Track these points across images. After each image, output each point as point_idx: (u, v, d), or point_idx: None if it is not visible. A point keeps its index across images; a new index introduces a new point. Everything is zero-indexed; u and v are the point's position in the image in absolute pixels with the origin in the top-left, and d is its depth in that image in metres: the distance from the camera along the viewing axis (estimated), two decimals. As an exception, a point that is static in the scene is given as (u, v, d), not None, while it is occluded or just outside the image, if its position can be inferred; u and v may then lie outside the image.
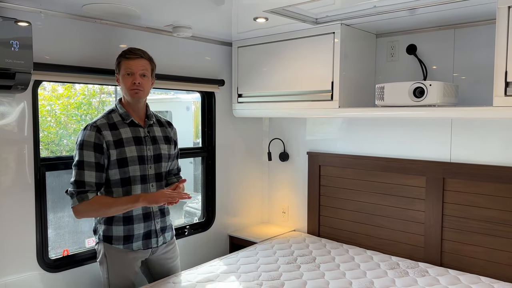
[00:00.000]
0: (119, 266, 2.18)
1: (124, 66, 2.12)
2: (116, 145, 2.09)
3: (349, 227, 2.98)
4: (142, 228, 2.18)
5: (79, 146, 2.06)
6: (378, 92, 2.38)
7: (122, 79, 2.13)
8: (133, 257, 2.20)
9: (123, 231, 2.15)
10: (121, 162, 2.10)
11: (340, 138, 3.07)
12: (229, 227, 3.33)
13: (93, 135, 2.06)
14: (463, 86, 2.44)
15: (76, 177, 2.04)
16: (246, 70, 3.07)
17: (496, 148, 2.39)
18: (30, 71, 1.95)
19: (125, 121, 2.16)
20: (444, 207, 2.54)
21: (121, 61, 2.13)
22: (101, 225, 2.18)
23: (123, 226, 2.15)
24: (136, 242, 2.18)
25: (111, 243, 2.15)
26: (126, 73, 2.11)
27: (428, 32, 2.63)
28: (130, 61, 2.11)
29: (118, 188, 2.12)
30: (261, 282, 2.27)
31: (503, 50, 1.97)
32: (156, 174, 2.22)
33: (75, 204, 2.02)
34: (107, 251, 2.16)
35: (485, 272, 2.39)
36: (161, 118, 2.37)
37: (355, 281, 2.29)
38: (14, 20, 1.89)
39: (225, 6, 2.23)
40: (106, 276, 2.19)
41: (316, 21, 2.58)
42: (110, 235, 2.16)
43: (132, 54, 2.12)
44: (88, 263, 2.46)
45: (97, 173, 2.05)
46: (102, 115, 2.16)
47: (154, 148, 2.21)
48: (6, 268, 2.14)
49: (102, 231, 2.17)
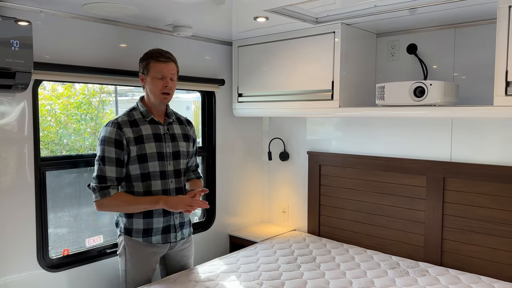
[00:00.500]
0: (137, 259, 2.23)
1: (154, 69, 2.16)
2: (136, 142, 2.15)
3: (350, 227, 2.98)
4: (161, 223, 2.23)
5: (100, 142, 2.13)
6: (379, 92, 2.38)
7: (151, 82, 2.17)
8: (152, 251, 2.25)
9: (142, 224, 2.20)
10: (141, 158, 2.16)
11: (341, 137, 3.07)
12: (229, 226, 3.32)
13: (114, 132, 2.12)
14: (463, 85, 2.44)
15: (98, 172, 2.11)
16: (246, 69, 3.07)
17: (497, 148, 2.39)
18: (30, 70, 1.95)
19: (146, 118, 2.22)
20: (445, 207, 2.54)
21: (150, 63, 2.17)
22: (122, 218, 2.24)
23: (143, 219, 2.20)
24: (155, 236, 2.22)
25: (131, 235, 2.21)
26: (157, 76, 2.16)
27: (428, 32, 2.63)
28: (162, 64, 2.16)
29: (138, 183, 2.18)
30: (261, 282, 2.27)
31: (503, 49, 1.97)
32: (175, 171, 2.28)
33: (98, 199, 2.10)
34: (127, 243, 2.22)
35: (485, 271, 2.39)
36: (180, 116, 2.43)
37: (355, 280, 2.29)
38: (14, 20, 1.89)
39: (226, 6, 2.23)
40: (123, 268, 2.25)
41: (316, 21, 2.58)
42: (130, 227, 2.21)
43: (163, 58, 2.17)
44: (88, 263, 2.46)
45: (117, 168, 2.12)
46: (124, 113, 2.23)
47: (173, 145, 2.27)
48: (7, 267, 2.14)
49: (123, 223, 2.23)
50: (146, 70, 2.18)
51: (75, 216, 2.60)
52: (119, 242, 2.27)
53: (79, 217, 2.63)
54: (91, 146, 3.03)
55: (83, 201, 2.63)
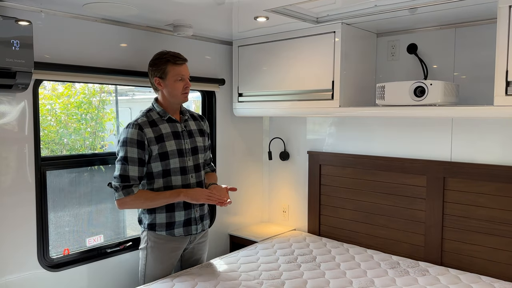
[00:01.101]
0: (159, 253, 2.30)
1: (174, 72, 2.23)
2: (157, 141, 2.22)
3: (350, 226, 2.98)
4: (182, 216, 2.29)
5: (122, 143, 2.19)
6: (379, 92, 2.38)
7: (172, 85, 2.24)
8: (174, 246, 2.32)
9: (165, 218, 2.27)
10: (163, 155, 2.22)
11: (341, 137, 3.07)
12: (229, 226, 3.33)
13: (135, 133, 2.17)
14: (463, 85, 2.44)
15: (121, 171, 2.16)
16: (246, 69, 3.07)
17: (497, 148, 2.39)
18: (30, 70, 1.95)
19: (163, 118, 2.28)
20: (445, 207, 2.54)
21: (168, 66, 2.23)
22: (145, 214, 2.31)
23: (165, 213, 2.27)
24: (177, 228, 2.29)
25: (155, 230, 2.28)
26: (178, 78, 2.24)
27: (428, 31, 2.63)
28: (180, 67, 2.25)
29: (159, 179, 2.25)
30: (261, 281, 2.27)
31: (503, 49, 1.97)
32: (195, 166, 2.35)
33: (121, 197, 2.15)
34: (150, 238, 2.29)
35: (485, 271, 2.39)
36: (194, 113, 2.50)
37: (355, 280, 2.29)
38: (14, 19, 1.89)
39: (226, 5, 2.22)
40: (144, 262, 2.31)
41: (316, 20, 2.58)
42: (154, 222, 2.28)
43: (181, 60, 2.26)
44: (89, 262, 2.46)
45: (139, 167, 2.18)
46: (142, 114, 2.28)
47: (191, 141, 2.35)
48: (7, 267, 2.15)
49: (147, 219, 2.30)
50: (164, 74, 2.24)
51: (75, 215, 2.60)
52: (142, 237, 2.34)
53: (79, 217, 2.63)
54: (91, 145, 3.03)
55: (84, 201, 2.64)
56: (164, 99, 2.29)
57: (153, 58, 2.28)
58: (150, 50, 2.22)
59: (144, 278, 2.32)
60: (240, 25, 2.68)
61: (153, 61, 2.27)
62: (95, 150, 3.13)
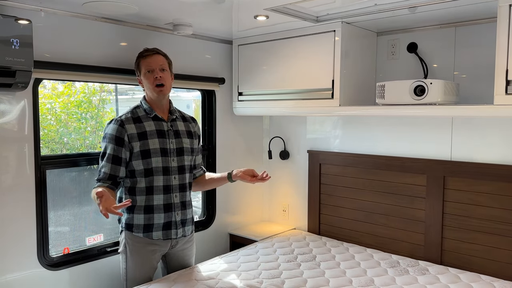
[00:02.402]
0: (138, 257, 2.24)
1: (143, 65, 2.23)
2: (139, 137, 2.18)
3: (350, 226, 2.98)
4: (162, 218, 2.24)
5: (103, 138, 2.20)
6: (379, 91, 2.38)
7: (144, 78, 2.24)
8: (153, 249, 2.25)
9: (143, 220, 2.22)
10: (144, 153, 2.18)
11: (341, 136, 3.07)
12: (229, 225, 3.33)
13: (115, 129, 2.16)
14: (463, 84, 2.44)
15: (99, 166, 2.19)
16: (246, 68, 3.07)
17: (497, 147, 2.39)
18: (30, 69, 1.95)
19: (149, 115, 2.25)
20: (445, 206, 2.54)
21: (140, 62, 2.26)
22: (124, 213, 2.25)
23: (144, 214, 2.21)
24: (155, 231, 2.23)
25: (132, 231, 2.23)
26: (147, 70, 2.22)
27: (429, 30, 2.63)
28: (148, 58, 2.23)
29: (142, 178, 2.20)
30: (261, 280, 2.27)
31: (504, 48, 1.97)
32: (179, 167, 2.29)
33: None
34: (128, 241, 2.24)
35: (485, 270, 2.39)
36: (185, 114, 2.46)
37: (355, 279, 2.29)
38: (14, 18, 1.89)
39: (226, 4, 2.22)
40: (124, 266, 2.26)
41: (316, 19, 2.57)
42: (131, 223, 2.23)
43: (148, 52, 2.25)
44: (89, 261, 2.46)
45: (112, 165, 2.14)
46: (128, 111, 2.26)
47: (177, 141, 2.30)
48: (7, 266, 2.15)
49: (125, 219, 2.25)
50: (138, 70, 2.27)
51: (75, 214, 2.60)
52: (120, 240, 2.29)
53: (79, 216, 2.63)
54: (91, 144, 3.03)
55: (84, 200, 2.64)
56: (147, 95, 2.29)
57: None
58: (150, 49, 2.23)
59: (126, 283, 2.25)
60: (240, 24, 2.68)
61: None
62: (95, 149, 3.13)
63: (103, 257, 2.53)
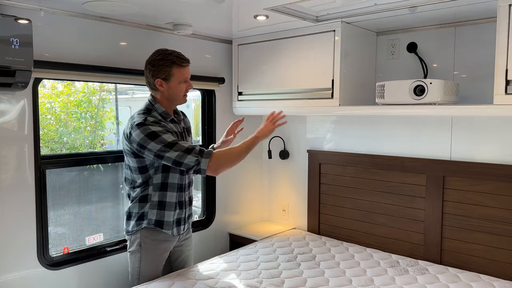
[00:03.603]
0: (152, 253, 2.25)
1: (178, 74, 2.16)
2: None
3: (349, 225, 2.99)
4: (179, 214, 2.28)
5: (153, 136, 2.03)
6: (379, 90, 2.38)
7: (176, 86, 2.18)
8: (166, 246, 2.29)
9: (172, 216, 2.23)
10: None
11: (340, 136, 3.07)
12: (229, 225, 3.33)
13: (157, 126, 2.07)
14: (463, 84, 2.44)
15: (180, 149, 2.02)
16: (246, 68, 3.07)
17: (496, 146, 2.39)
18: (30, 68, 1.95)
19: (167, 119, 2.20)
20: (444, 205, 2.54)
21: (172, 68, 2.14)
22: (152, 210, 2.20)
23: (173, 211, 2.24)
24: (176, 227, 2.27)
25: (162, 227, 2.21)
26: (182, 80, 2.19)
27: (428, 30, 2.63)
28: (184, 69, 2.19)
29: (159, 174, 2.18)
30: (261, 280, 2.27)
31: (503, 48, 1.97)
32: None
33: (207, 162, 2.02)
34: (144, 239, 2.22)
35: (485, 270, 2.39)
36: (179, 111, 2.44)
37: (355, 279, 2.29)
38: (14, 18, 1.89)
39: (226, 4, 2.22)
40: (137, 265, 2.24)
41: (316, 19, 2.58)
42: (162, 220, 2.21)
43: (186, 62, 2.19)
44: (89, 261, 2.46)
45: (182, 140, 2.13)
46: (144, 114, 2.13)
47: (187, 141, 2.33)
48: (7, 265, 2.15)
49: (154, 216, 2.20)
50: (168, 76, 2.15)
51: (75, 214, 2.60)
52: (132, 240, 2.24)
53: (79, 215, 2.63)
54: (91, 144, 3.03)
55: (83, 199, 2.64)
56: (163, 99, 2.20)
57: (155, 58, 2.15)
58: (150, 49, 2.21)
59: (138, 281, 2.24)
60: (240, 23, 2.68)
61: (155, 61, 2.14)
62: (95, 149, 3.13)
63: (103, 256, 2.54)
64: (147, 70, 2.18)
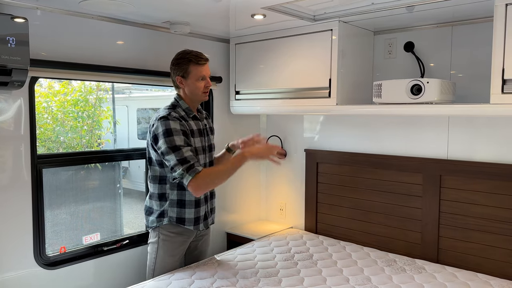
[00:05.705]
0: (170, 246, 2.30)
1: (196, 72, 2.25)
2: (192, 135, 2.25)
3: (346, 224, 2.99)
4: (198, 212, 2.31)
5: (165, 134, 2.12)
6: (376, 90, 2.38)
7: (194, 84, 2.26)
8: (184, 240, 2.34)
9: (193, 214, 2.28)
10: (195, 150, 2.25)
11: (338, 135, 3.07)
12: (226, 224, 3.33)
13: (177, 123, 2.16)
14: (460, 83, 2.45)
15: (177, 157, 2.10)
16: (243, 67, 3.07)
17: (493, 146, 2.40)
18: (26, 67, 1.94)
19: (189, 115, 2.29)
20: (441, 204, 2.55)
21: (190, 66, 2.24)
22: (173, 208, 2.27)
23: (194, 209, 2.29)
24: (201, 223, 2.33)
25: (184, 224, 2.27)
26: (200, 78, 2.26)
27: (425, 30, 2.64)
28: (202, 67, 2.27)
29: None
30: (258, 279, 2.27)
31: (500, 47, 1.97)
32: (209, 163, 2.40)
33: (189, 179, 2.08)
34: (162, 232, 2.28)
35: (481, 268, 2.40)
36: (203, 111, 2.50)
37: (352, 277, 2.30)
38: (10, 16, 1.88)
39: (223, 3, 2.22)
40: (154, 256, 2.31)
41: (314, 18, 2.58)
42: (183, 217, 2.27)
43: (203, 60, 2.27)
44: (85, 260, 2.46)
45: (191, 147, 2.16)
46: (169, 109, 2.24)
47: (208, 139, 2.40)
48: (3, 265, 2.14)
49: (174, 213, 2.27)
50: (186, 74, 2.25)
51: (72, 213, 2.60)
52: (152, 233, 2.32)
53: (76, 215, 2.63)
54: (87, 143, 3.03)
55: (80, 199, 2.63)
56: (186, 96, 2.31)
57: (176, 57, 2.28)
58: (147, 48, 2.21)
59: (153, 273, 2.31)
60: (237, 22, 2.68)
61: (175, 60, 2.27)
62: (92, 148, 3.12)
63: (100, 256, 2.53)
64: (171, 69, 2.31)
